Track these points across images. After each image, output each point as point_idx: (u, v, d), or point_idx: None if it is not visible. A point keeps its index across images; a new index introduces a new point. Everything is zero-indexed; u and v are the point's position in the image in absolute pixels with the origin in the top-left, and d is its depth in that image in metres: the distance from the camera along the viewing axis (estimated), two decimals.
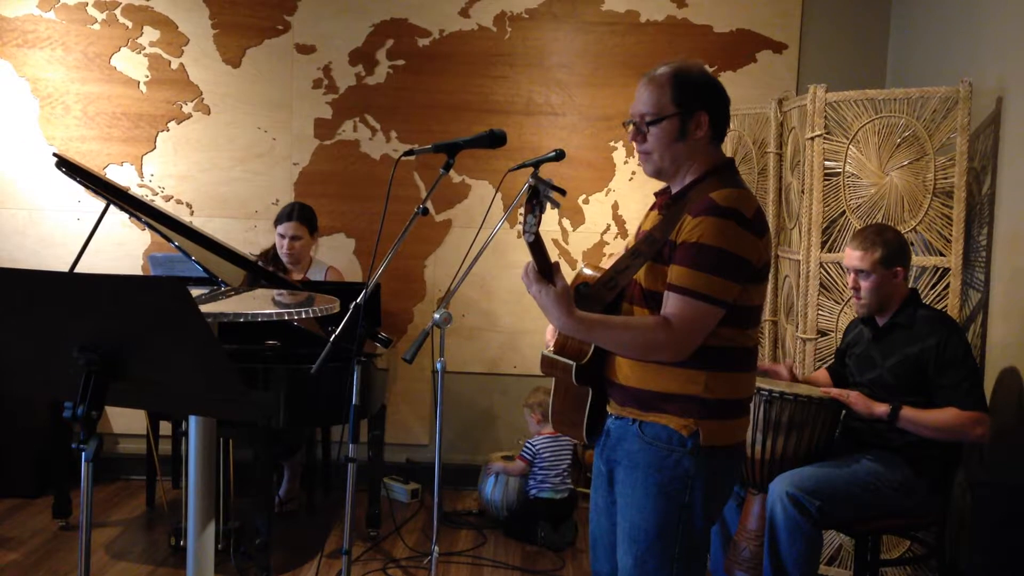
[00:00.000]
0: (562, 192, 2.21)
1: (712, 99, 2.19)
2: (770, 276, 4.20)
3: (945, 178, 3.53)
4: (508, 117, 4.80)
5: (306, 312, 2.51)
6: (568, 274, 2.33)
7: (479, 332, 4.91)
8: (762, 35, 4.79)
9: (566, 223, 4.87)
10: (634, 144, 2.24)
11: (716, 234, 2.06)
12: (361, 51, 4.81)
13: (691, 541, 2.20)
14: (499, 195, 4.75)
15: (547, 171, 4.57)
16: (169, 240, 3.35)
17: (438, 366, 3.52)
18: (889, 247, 3.12)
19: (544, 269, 2.19)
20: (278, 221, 4.34)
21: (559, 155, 3.68)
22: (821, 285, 3.76)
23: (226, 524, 3.74)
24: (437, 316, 3.42)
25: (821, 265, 3.74)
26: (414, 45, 4.80)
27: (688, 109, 2.15)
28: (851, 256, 3.16)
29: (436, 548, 3.53)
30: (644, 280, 2.21)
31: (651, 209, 2.36)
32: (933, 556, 3.32)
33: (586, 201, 4.85)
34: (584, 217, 4.86)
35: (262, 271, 3.66)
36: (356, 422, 2.67)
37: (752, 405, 3.06)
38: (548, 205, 2.20)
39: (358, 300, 2.33)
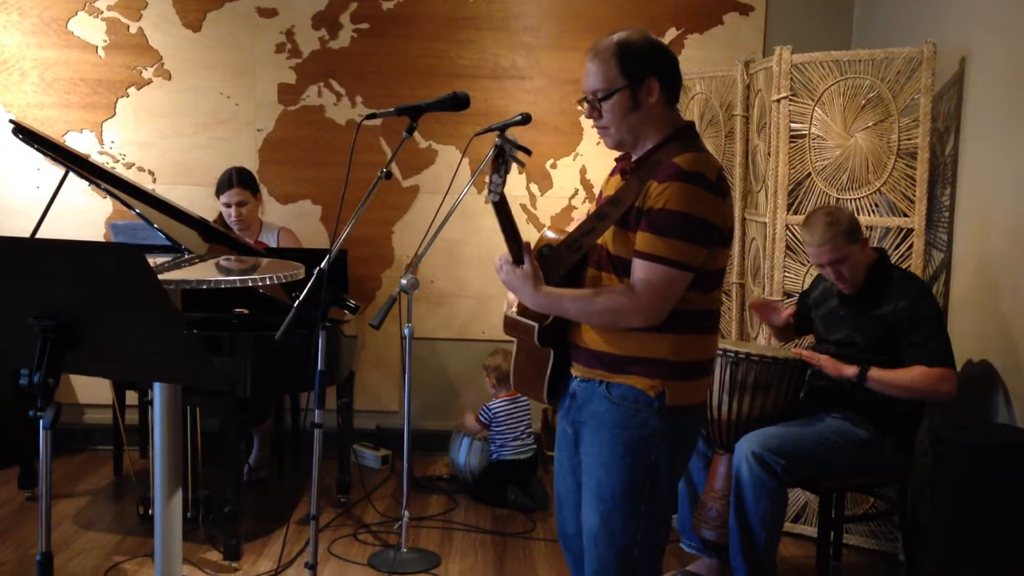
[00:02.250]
0: (528, 152, 2.20)
1: (659, 64, 2.17)
2: (737, 238, 4.23)
3: (909, 139, 3.54)
4: (475, 81, 4.76)
5: (271, 279, 2.48)
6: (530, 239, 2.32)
7: (448, 298, 4.90)
8: None
9: (534, 188, 4.85)
10: (592, 120, 2.23)
11: (682, 199, 2.06)
12: (324, 15, 4.73)
13: (657, 499, 2.23)
14: (466, 160, 4.71)
15: (514, 135, 4.56)
16: (130, 208, 3.30)
17: (406, 332, 3.53)
18: (845, 226, 3.11)
19: (512, 247, 2.19)
20: (219, 191, 4.29)
21: (525, 119, 3.66)
22: (787, 247, 3.78)
23: (195, 493, 3.72)
24: (404, 282, 3.42)
25: (787, 227, 3.76)
26: (378, 8, 4.74)
27: (637, 79, 2.14)
28: (819, 253, 3.13)
29: (407, 513, 3.56)
30: (611, 245, 2.21)
31: (611, 174, 2.36)
32: (896, 512, 3.38)
33: (554, 166, 4.84)
34: (552, 182, 4.84)
35: (226, 237, 3.62)
36: (323, 389, 2.66)
37: (718, 367, 3.10)
38: (514, 165, 2.19)
39: (322, 265, 2.31)
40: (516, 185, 4.82)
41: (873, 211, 3.63)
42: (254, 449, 4.44)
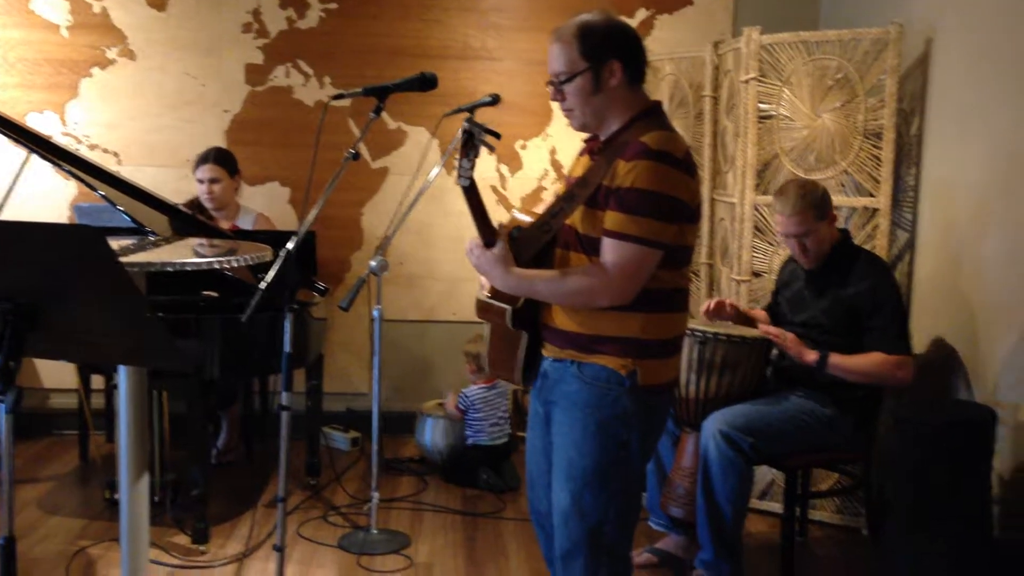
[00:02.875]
0: (497, 136, 2.20)
1: (621, 45, 2.17)
2: (706, 219, 4.25)
3: (875, 120, 3.57)
4: (444, 62, 4.73)
5: (236, 261, 2.46)
6: (501, 220, 2.32)
7: (418, 280, 4.89)
8: None
9: (504, 169, 4.84)
10: (557, 103, 2.23)
11: (650, 177, 2.07)
12: None
13: (628, 477, 2.25)
14: (435, 141, 4.69)
15: (483, 116, 4.54)
16: (94, 189, 3.26)
17: (375, 314, 3.52)
18: (815, 200, 3.13)
19: (483, 229, 2.19)
20: (196, 167, 4.26)
21: (495, 100, 3.65)
22: (755, 227, 3.80)
23: (162, 476, 3.71)
24: (373, 264, 3.41)
25: (755, 207, 3.78)
26: None
27: (598, 60, 2.14)
28: (787, 224, 3.15)
29: (376, 495, 3.57)
30: (580, 225, 2.21)
31: (580, 155, 2.37)
32: (859, 488, 3.42)
33: (524, 147, 4.83)
34: (522, 163, 4.84)
35: (192, 219, 3.58)
36: (291, 371, 2.65)
37: (686, 346, 3.12)
38: (483, 149, 2.19)
39: (288, 247, 2.29)
40: (486, 167, 4.80)
41: (840, 191, 3.65)
42: (222, 432, 4.42)
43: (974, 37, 3.26)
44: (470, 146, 2.11)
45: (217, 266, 2.40)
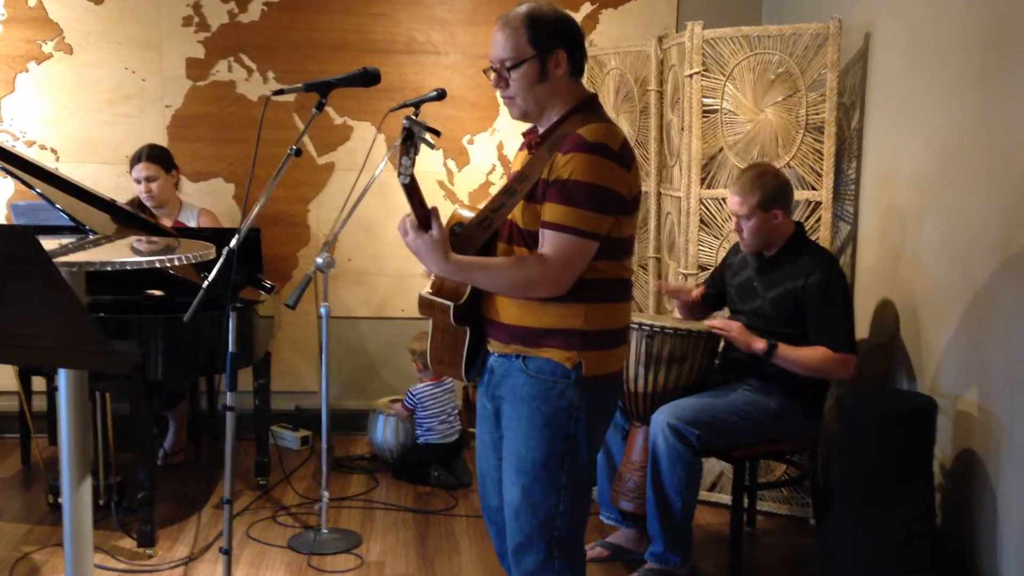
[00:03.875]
0: (437, 133, 2.18)
1: (568, 36, 2.20)
2: (653, 213, 4.28)
3: (816, 114, 3.61)
4: (389, 56, 4.70)
5: (177, 259, 2.42)
6: (446, 215, 2.31)
7: (366, 276, 4.85)
8: None
9: (451, 164, 4.82)
10: (498, 91, 2.24)
11: (586, 169, 2.10)
12: None
13: (577, 470, 2.25)
14: (381, 136, 4.66)
15: (430, 110, 4.52)
16: (31, 187, 3.18)
17: (322, 311, 3.49)
18: (766, 191, 3.17)
19: (420, 213, 2.18)
20: (131, 166, 4.18)
21: (440, 94, 3.63)
22: (701, 221, 3.83)
23: (107, 479, 3.64)
24: (320, 261, 3.37)
25: (701, 201, 3.81)
26: None
27: (546, 49, 2.16)
28: (731, 201, 3.22)
29: (326, 494, 3.54)
30: (521, 220, 2.22)
31: (520, 149, 2.38)
32: (806, 477, 3.47)
33: (471, 141, 4.81)
34: (469, 158, 4.82)
35: (133, 216, 3.52)
36: (237, 370, 2.61)
37: (633, 340, 3.14)
38: (423, 147, 2.17)
39: (230, 245, 2.26)
40: (433, 161, 4.78)
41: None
42: (169, 433, 4.36)
43: (909, 30, 3.31)
44: (410, 144, 2.10)
45: (158, 265, 2.35)
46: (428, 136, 2.16)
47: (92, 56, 4.60)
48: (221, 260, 2.30)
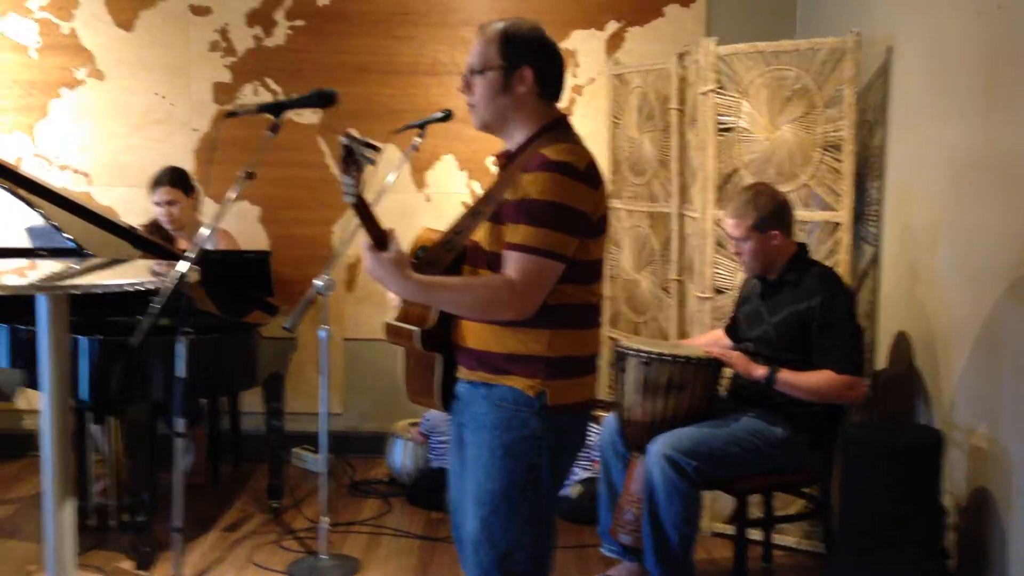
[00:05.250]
0: (376, 149, 2.10)
1: (538, 56, 2.15)
2: (676, 235, 4.14)
3: (835, 131, 3.47)
4: (413, 78, 4.69)
5: (148, 282, 2.41)
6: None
7: (384, 296, 4.81)
8: None
9: (475, 185, 4.78)
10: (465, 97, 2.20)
11: (550, 189, 2.03)
12: (259, 12, 4.66)
13: (538, 501, 2.16)
14: (407, 158, 4.64)
15: (452, 130, 4.51)
16: (34, 208, 3.23)
17: (321, 334, 3.46)
18: (762, 211, 3.07)
19: (375, 233, 2.12)
20: (151, 190, 4.24)
21: (447, 115, 3.60)
22: (717, 243, 3.70)
23: (119, 500, 3.66)
24: (319, 283, 3.35)
25: (716, 222, 3.69)
26: (313, 4, 4.67)
27: (512, 64, 2.12)
28: (728, 224, 3.13)
29: (325, 519, 3.49)
30: (486, 242, 2.16)
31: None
32: (818, 512, 3.30)
33: (495, 162, 4.75)
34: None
35: (143, 240, 3.55)
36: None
37: (630, 367, 3.04)
38: (366, 165, 2.10)
39: (181, 270, 2.23)
40: (457, 182, 4.75)
41: (803, 205, 3.55)
42: (188, 455, 4.37)
43: (930, 44, 3.16)
44: (351, 162, 2.03)
45: (127, 288, 2.35)
46: (368, 153, 2.10)
47: (123, 82, 4.69)
48: (172, 287, 2.27)
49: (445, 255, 2.21)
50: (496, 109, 2.15)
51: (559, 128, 2.16)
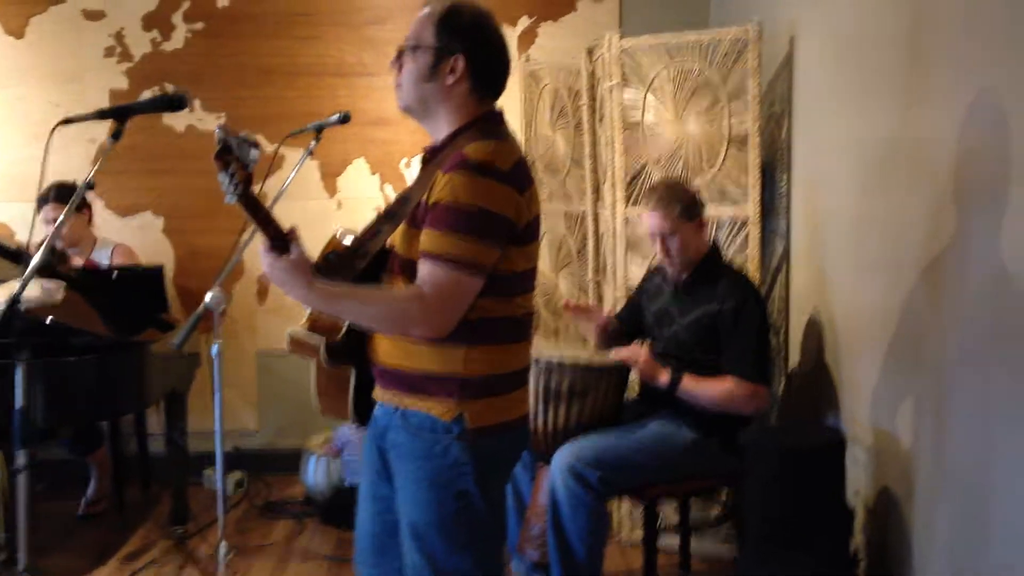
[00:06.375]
0: (254, 145, 1.94)
1: (475, 46, 1.96)
2: (591, 234, 4.02)
3: (741, 124, 3.37)
4: (319, 79, 4.54)
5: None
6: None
7: (298, 308, 4.63)
8: None
9: (388, 189, 4.63)
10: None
11: (468, 191, 1.85)
12: (155, 15, 4.48)
13: (477, 527, 2.01)
14: (316, 163, 4.51)
15: (362, 134, 4.36)
16: None
17: (213, 351, 3.29)
18: (685, 201, 2.97)
19: (272, 233, 1.94)
20: (38, 208, 4.01)
21: (344, 118, 3.43)
22: (627, 241, 3.59)
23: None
24: (209, 298, 3.18)
25: (627, 220, 3.57)
26: (213, 6, 4.49)
27: (445, 48, 1.94)
28: (652, 220, 2.97)
29: (224, 544, 3.31)
30: (401, 248, 1.99)
31: None
32: (731, 516, 3.20)
33: (408, 165, 4.62)
34: (407, 182, 4.62)
35: (20, 257, 3.36)
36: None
37: (532, 375, 2.90)
38: (248, 162, 1.94)
39: (16, 294, 2.05)
40: (369, 186, 4.60)
41: (713, 201, 3.44)
42: (91, 480, 4.17)
43: (831, 34, 3.06)
44: (229, 158, 1.86)
45: None
46: (252, 151, 1.93)
47: (15, 91, 4.49)
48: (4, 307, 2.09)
49: (355, 261, 2.02)
50: (419, 93, 1.97)
51: (488, 123, 1.98)
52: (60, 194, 3.98)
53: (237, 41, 4.51)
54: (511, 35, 4.56)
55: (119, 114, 2.08)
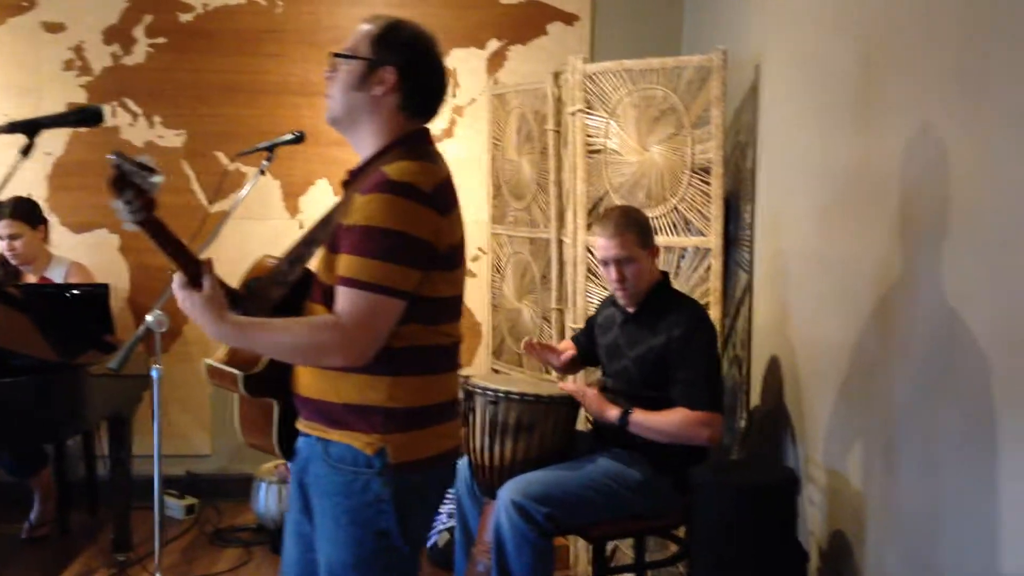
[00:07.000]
0: (155, 171, 1.86)
1: (410, 61, 1.91)
2: (555, 261, 3.93)
3: (704, 153, 3.30)
4: (283, 97, 4.45)
5: None
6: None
7: None
8: (552, 6, 4.51)
9: None
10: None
11: (385, 213, 1.78)
12: (117, 28, 4.39)
13: (396, 568, 1.94)
14: (277, 182, 4.42)
15: (319, 153, 4.29)
16: None
17: (153, 373, 3.18)
18: (640, 227, 2.89)
19: (182, 263, 1.86)
20: None
21: (298, 137, 3.35)
22: (588, 270, 3.51)
23: None
24: (150, 319, 3.07)
25: (588, 248, 3.49)
26: (175, 21, 4.41)
27: (378, 60, 1.89)
28: (607, 246, 2.87)
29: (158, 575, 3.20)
30: (321, 274, 1.91)
31: None
32: (683, 557, 3.10)
33: None
34: None
35: None
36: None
37: (477, 407, 2.81)
38: (148, 188, 1.86)
39: None
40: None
41: (673, 230, 3.37)
42: (35, 503, 4.04)
43: (796, 63, 3.00)
44: (124, 184, 1.78)
45: None
46: (152, 176, 1.85)
47: None
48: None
49: (275, 289, 1.97)
50: (347, 104, 1.91)
51: (414, 142, 1.92)
52: (15, 210, 3.88)
53: (199, 57, 4.42)
54: (479, 58, 4.49)
55: (29, 128, 1.98)
